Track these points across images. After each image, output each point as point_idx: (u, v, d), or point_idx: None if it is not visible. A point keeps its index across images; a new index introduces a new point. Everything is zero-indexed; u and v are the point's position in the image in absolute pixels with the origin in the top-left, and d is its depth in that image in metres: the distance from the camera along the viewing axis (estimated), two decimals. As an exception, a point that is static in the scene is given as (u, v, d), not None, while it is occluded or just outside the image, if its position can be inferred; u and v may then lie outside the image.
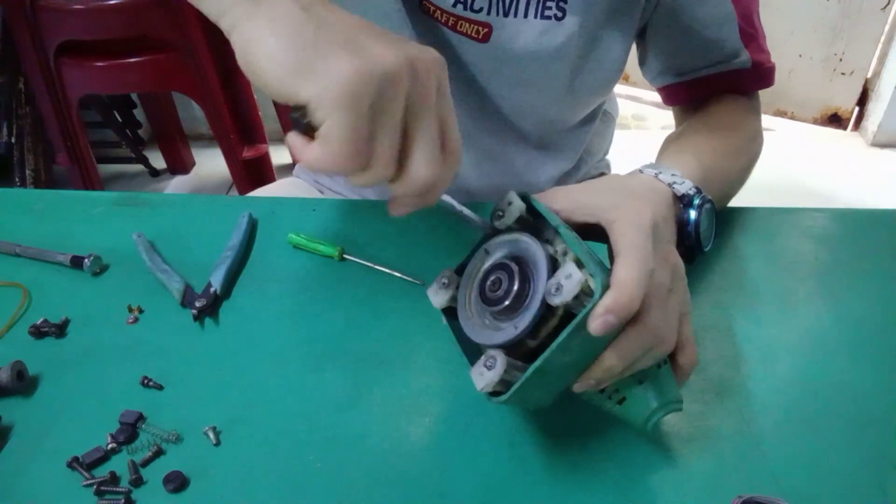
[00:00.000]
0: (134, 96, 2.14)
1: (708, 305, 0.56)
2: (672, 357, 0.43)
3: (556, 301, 0.36)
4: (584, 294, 0.36)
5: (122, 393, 0.49)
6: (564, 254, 0.40)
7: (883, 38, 2.26)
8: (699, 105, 0.69)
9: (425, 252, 0.61)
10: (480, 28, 0.62)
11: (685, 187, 0.50)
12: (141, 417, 0.47)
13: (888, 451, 0.44)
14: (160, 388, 0.49)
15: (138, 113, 2.16)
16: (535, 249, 0.40)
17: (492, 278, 0.40)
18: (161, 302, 0.57)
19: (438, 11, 0.62)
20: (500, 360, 0.38)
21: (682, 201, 0.50)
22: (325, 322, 0.55)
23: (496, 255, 0.42)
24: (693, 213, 0.49)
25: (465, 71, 0.67)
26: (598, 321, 0.36)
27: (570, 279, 0.36)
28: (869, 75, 2.34)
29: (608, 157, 0.92)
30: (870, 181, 2.18)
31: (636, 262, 0.38)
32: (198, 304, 0.55)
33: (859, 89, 2.36)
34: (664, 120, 2.52)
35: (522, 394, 0.39)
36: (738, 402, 0.48)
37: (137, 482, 0.43)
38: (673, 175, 0.50)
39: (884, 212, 0.67)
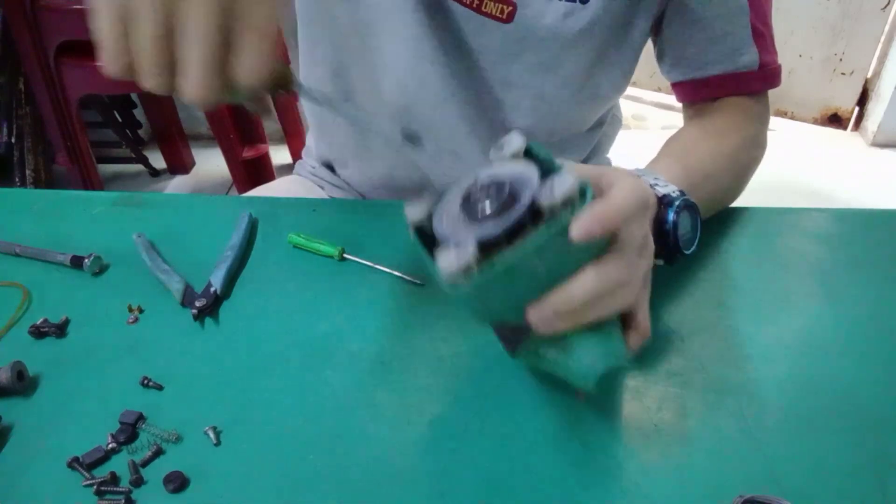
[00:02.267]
0: (134, 96, 2.14)
1: (708, 305, 0.56)
2: (625, 330, 0.43)
3: (545, 200, 0.36)
4: (573, 202, 0.37)
5: (122, 393, 0.49)
6: None
7: (883, 38, 2.26)
8: (705, 106, 0.70)
9: (425, 252, 0.61)
10: (504, 7, 0.62)
11: (667, 189, 0.51)
12: (141, 417, 0.47)
13: (888, 451, 0.44)
14: (160, 388, 0.49)
15: (138, 113, 2.16)
16: (529, 171, 0.39)
17: (479, 188, 0.39)
18: (161, 302, 0.57)
19: None
20: (473, 248, 0.36)
21: (663, 201, 0.50)
22: (325, 322, 0.55)
23: (486, 174, 0.41)
24: (671, 214, 0.50)
25: (487, 56, 0.66)
26: (582, 225, 0.36)
27: (564, 182, 0.36)
28: (869, 75, 2.34)
29: (608, 155, 0.92)
30: (870, 181, 2.18)
31: (629, 188, 0.39)
32: (198, 304, 0.55)
33: (859, 89, 2.36)
34: (664, 120, 2.52)
35: (481, 290, 0.37)
36: (738, 402, 0.48)
37: (137, 482, 0.43)
38: (655, 178, 0.51)
39: (884, 212, 0.67)
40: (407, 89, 0.70)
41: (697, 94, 0.70)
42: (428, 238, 0.41)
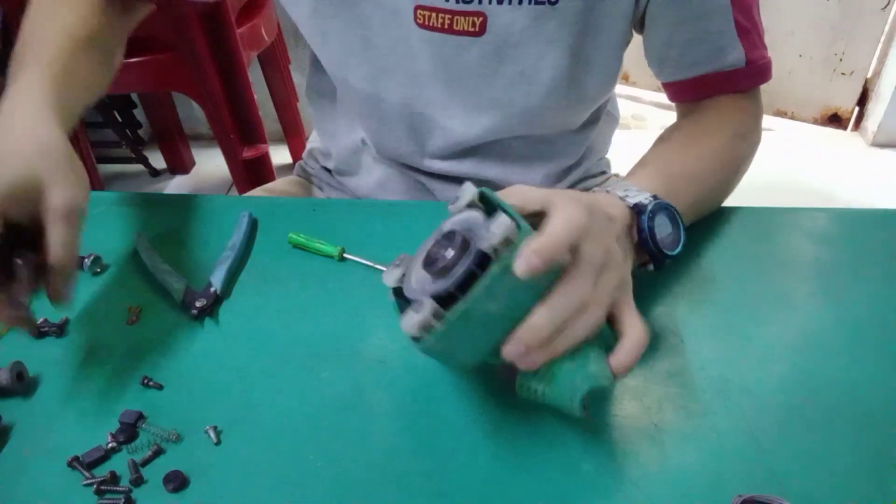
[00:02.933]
0: (134, 96, 2.14)
1: (708, 305, 0.56)
2: (617, 342, 0.44)
3: (485, 245, 0.38)
4: (512, 241, 0.39)
5: (122, 393, 0.49)
6: None
7: (883, 38, 2.26)
8: (696, 104, 0.69)
9: (425, 252, 0.61)
10: (475, 19, 0.62)
11: (639, 198, 0.51)
12: (141, 417, 0.47)
13: (888, 451, 0.44)
14: (160, 387, 0.49)
15: (138, 113, 2.16)
16: (479, 220, 0.42)
17: (435, 246, 0.42)
18: (161, 302, 0.57)
19: (433, 15, 0.62)
20: (428, 303, 0.39)
21: (635, 210, 0.51)
22: (325, 322, 0.55)
23: (442, 230, 0.43)
24: (645, 220, 0.50)
25: (467, 80, 0.67)
26: (522, 261, 0.37)
27: (499, 224, 0.38)
28: (869, 75, 2.34)
29: (607, 156, 0.92)
30: (870, 181, 2.18)
31: (564, 214, 0.40)
32: (198, 304, 0.55)
33: (859, 89, 2.36)
34: (664, 120, 2.52)
35: (446, 341, 0.39)
36: (738, 402, 0.48)
37: (137, 482, 0.43)
38: (625, 190, 0.52)
39: (884, 212, 0.67)
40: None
41: (686, 94, 0.70)
42: (406, 300, 0.44)
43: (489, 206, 0.43)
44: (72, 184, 0.48)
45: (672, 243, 0.53)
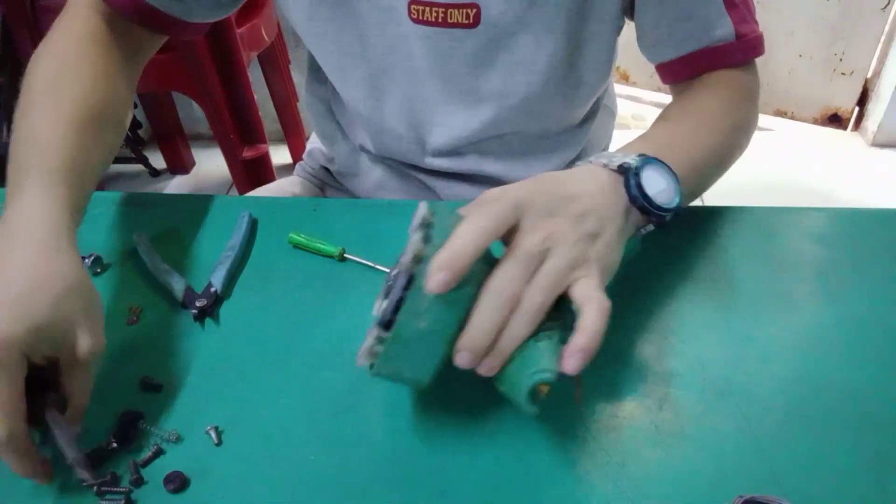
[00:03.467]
0: (134, 96, 2.14)
1: (708, 305, 0.56)
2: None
3: (403, 265, 0.40)
4: (423, 258, 0.39)
5: (122, 393, 0.49)
6: None
7: (883, 38, 2.25)
8: (690, 82, 0.69)
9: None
10: (469, 11, 0.62)
11: (624, 159, 0.49)
12: (141, 417, 0.47)
13: (888, 451, 0.44)
14: (160, 388, 0.49)
15: (138, 113, 2.16)
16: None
17: (391, 271, 0.43)
18: (161, 302, 0.57)
19: (427, 10, 0.62)
20: (373, 333, 0.40)
21: (620, 172, 0.49)
22: (325, 322, 0.55)
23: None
24: (630, 176, 0.48)
25: (463, 75, 0.67)
26: (430, 278, 0.38)
27: (410, 243, 0.39)
28: (869, 75, 2.34)
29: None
30: (870, 181, 2.17)
31: (467, 222, 0.40)
32: (198, 304, 0.55)
33: (859, 89, 2.36)
34: (664, 120, 2.51)
35: (389, 364, 0.41)
36: (738, 402, 0.48)
37: (138, 482, 0.43)
38: (609, 158, 0.50)
39: (884, 212, 0.67)
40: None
41: (679, 73, 0.69)
42: None
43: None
44: (98, 328, 0.46)
45: (669, 197, 0.50)
